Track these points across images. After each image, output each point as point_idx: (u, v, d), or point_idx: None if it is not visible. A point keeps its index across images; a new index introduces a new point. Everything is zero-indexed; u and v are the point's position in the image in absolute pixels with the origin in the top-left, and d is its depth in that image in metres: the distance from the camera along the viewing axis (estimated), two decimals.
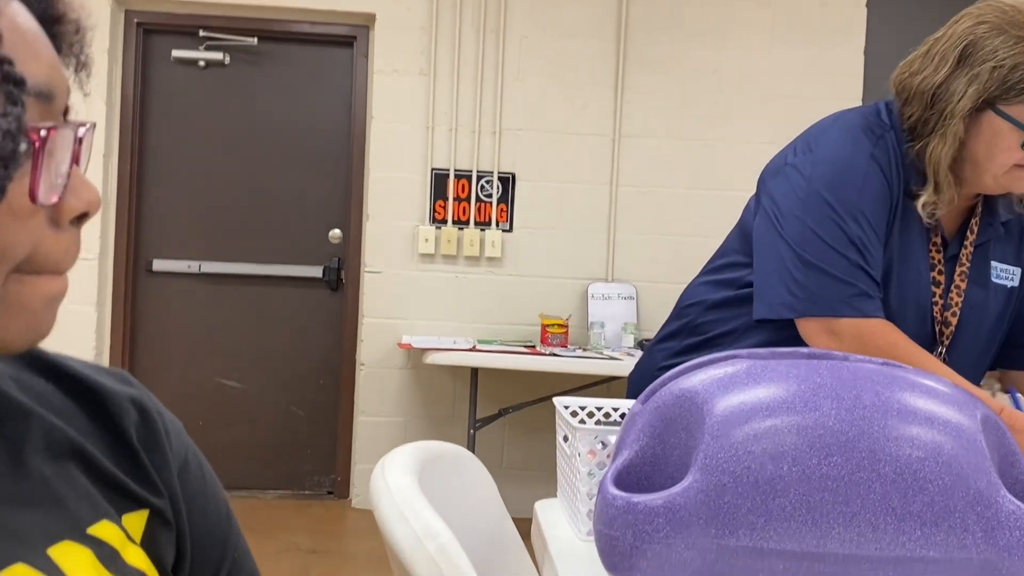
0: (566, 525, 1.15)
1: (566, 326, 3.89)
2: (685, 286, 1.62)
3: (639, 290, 4.07)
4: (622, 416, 1.25)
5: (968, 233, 1.42)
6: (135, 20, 4.11)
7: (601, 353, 3.69)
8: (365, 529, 3.86)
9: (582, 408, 1.26)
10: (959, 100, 1.30)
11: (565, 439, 1.20)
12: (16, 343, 0.55)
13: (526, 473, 4.05)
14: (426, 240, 4.05)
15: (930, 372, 1.12)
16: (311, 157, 4.23)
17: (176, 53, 4.13)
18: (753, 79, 4.13)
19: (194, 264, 4.19)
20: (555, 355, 3.62)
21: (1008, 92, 1.28)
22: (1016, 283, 1.46)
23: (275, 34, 4.17)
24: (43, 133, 0.51)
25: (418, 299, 4.08)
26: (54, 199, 0.54)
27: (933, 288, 1.38)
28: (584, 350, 3.79)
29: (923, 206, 1.35)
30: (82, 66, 0.62)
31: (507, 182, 4.10)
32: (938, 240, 1.40)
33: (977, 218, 1.43)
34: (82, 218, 0.57)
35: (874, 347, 1.29)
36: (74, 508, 0.59)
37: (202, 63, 4.15)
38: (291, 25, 4.16)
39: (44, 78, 0.54)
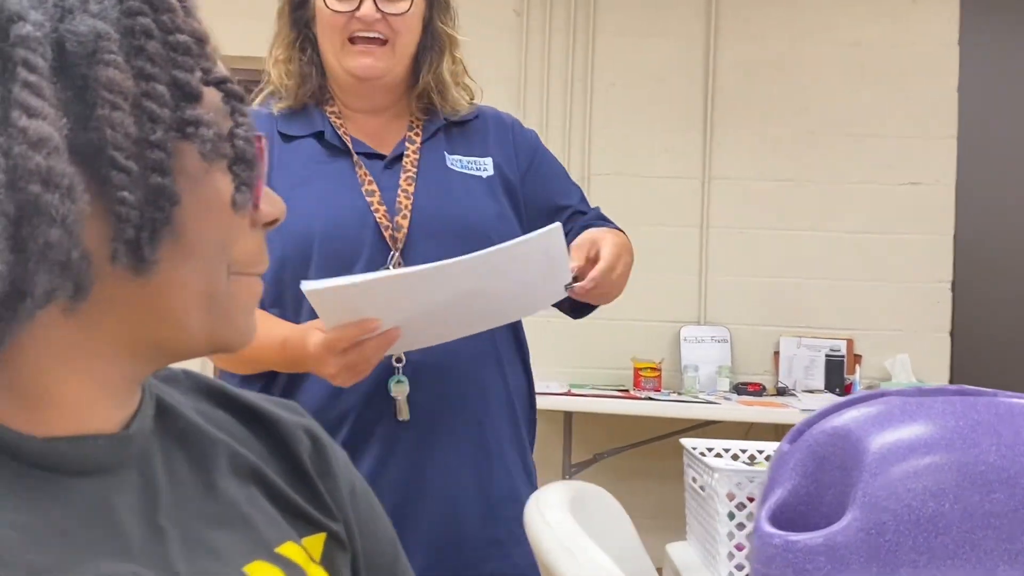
0: (701, 568, 1.16)
1: (659, 369, 3.87)
2: (778, 328, 1.65)
3: (732, 332, 4.03)
4: (751, 458, 1.26)
5: (407, 144, 1.48)
6: None
7: (696, 397, 3.66)
8: None
9: (709, 450, 1.26)
10: None
11: (694, 480, 1.21)
12: (237, 341, 0.58)
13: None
14: None
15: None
16: None
17: None
18: (844, 118, 4.09)
19: None
20: (651, 399, 3.60)
21: None
22: (491, 172, 1.52)
23: None
24: (263, 141, 0.55)
25: None
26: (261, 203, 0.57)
27: (368, 199, 1.41)
28: (679, 394, 3.76)
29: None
30: None
31: None
32: (355, 158, 1.45)
33: (417, 125, 1.51)
34: (269, 224, 0.60)
35: None
36: (262, 529, 0.61)
37: None
38: None
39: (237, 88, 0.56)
